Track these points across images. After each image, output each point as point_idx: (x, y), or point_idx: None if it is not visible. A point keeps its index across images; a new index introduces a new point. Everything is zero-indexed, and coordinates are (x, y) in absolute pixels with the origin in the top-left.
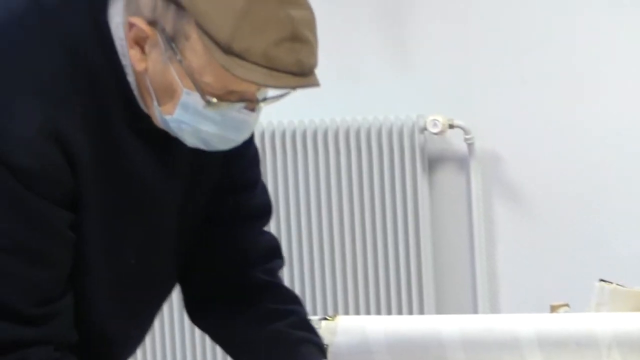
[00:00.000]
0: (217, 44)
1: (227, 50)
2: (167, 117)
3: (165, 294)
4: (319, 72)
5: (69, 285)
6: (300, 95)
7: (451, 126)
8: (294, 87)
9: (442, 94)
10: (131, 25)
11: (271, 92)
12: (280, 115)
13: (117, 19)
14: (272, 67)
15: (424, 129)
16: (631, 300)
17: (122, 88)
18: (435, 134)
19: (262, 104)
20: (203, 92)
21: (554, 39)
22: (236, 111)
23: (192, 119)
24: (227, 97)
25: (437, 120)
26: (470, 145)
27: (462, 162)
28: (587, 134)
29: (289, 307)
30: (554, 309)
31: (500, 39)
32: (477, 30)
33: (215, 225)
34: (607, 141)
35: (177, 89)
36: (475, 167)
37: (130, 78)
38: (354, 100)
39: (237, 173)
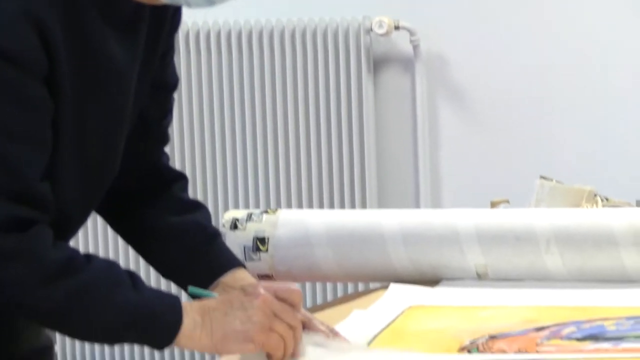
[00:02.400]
0: None
1: None
2: None
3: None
4: None
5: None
6: None
7: (397, 27)
8: None
9: None
10: None
11: None
12: (224, 14)
13: None
14: None
15: (369, 30)
16: (570, 197)
17: None
18: (381, 35)
19: None
20: None
21: None
22: None
23: None
24: None
25: (383, 21)
26: (415, 47)
27: (407, 64)
28: (531, 36)
29: (197, 201)
30: (493, 204)
31: None
32: None
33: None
34: (552, 43)
35: None
36: (420, 69)
37: None
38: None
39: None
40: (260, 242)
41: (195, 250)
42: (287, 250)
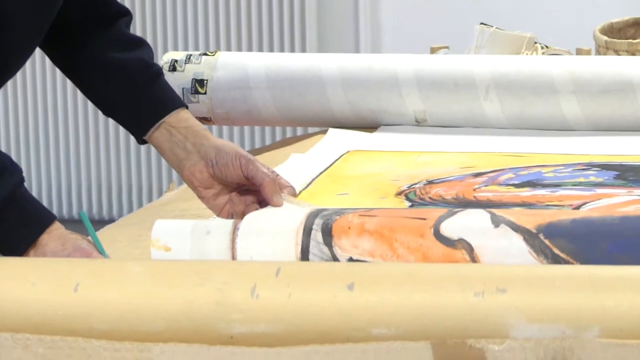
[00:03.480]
0: None
1: None
2: None
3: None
4: None
5: None
6: None
7: None
8: None
9: None
10: None
11: None
12: None
13: None
14: None
15: None
16: (509, 44)
17: None
18: None
19: None
20: None
21: None
22: None
23: None
24: None
25: None
26: None
27: None
28: None
29: (140, 37)
30: (433, 50)
31: None
32: None
33: None
34: None
35: None
36: None
37: None
38: None
39: None
40: (198, 84)
41: (138, 88)
42: (226, 93)
